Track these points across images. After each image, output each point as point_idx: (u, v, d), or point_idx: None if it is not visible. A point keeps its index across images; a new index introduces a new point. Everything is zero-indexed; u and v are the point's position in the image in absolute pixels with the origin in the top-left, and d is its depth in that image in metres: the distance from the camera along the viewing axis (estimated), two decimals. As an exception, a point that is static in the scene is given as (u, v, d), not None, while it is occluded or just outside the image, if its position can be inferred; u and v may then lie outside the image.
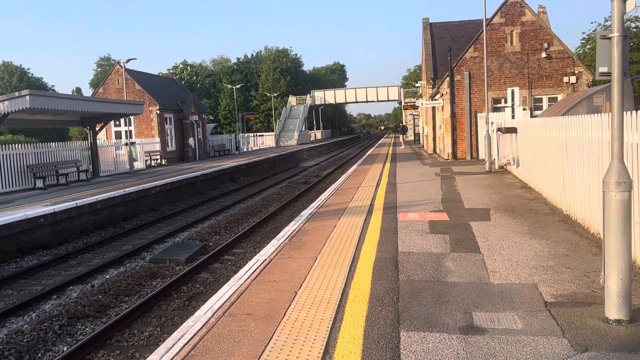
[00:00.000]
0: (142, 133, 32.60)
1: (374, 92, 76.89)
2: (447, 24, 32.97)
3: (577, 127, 8.40)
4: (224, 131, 77.80)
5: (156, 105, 32.35)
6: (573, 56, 22.52)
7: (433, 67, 30.32)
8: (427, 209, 10.70)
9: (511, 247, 7.19)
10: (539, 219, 9.06)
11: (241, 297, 5.71)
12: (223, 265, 10.39)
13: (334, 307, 5.22)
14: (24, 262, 11.45)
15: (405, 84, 78.12)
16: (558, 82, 22.22)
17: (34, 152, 19.99)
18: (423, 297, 5.38)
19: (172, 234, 13.66)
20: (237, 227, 14.36)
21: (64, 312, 7.85)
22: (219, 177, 24.61)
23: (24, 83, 71.03)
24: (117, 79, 33.27)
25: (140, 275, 9.68)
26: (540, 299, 5.16)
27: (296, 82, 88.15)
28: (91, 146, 23.57)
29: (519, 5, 22.41)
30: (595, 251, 6.74)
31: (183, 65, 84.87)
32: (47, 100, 17.69)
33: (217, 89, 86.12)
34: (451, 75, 23.29)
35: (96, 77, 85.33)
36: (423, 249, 7.35)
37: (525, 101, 22.11)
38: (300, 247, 7.89)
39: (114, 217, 15.67)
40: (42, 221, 12.63)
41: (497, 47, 22.56)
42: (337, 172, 29.26)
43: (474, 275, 6.01)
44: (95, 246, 12.70)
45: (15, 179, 18.83)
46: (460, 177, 16.14)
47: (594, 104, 14.96)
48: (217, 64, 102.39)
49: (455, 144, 23.67)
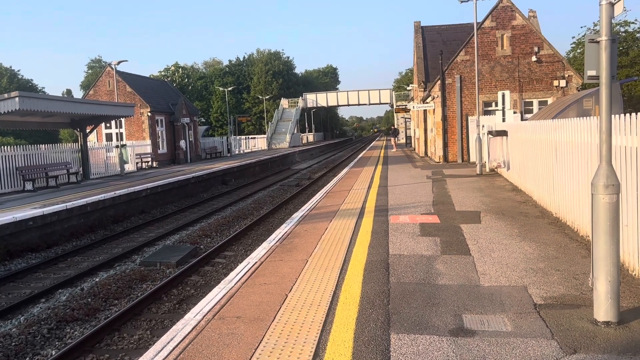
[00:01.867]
0: (133, 135, 32.45)
1: (365, 95, 77.12)
2: (438, 27, 33.11)
3: (567, 130, 8.46)
4: (215, 134, 77.65)
5: (147, 108, 32.23)
6: (563, 60, 22.70)
7: (424, 70, 30.44)
8: (418, 211, 10.73)
9: (501, 250, 7.22)
10: (529, 222, 9.11)
11: (231, 299, 5.69)
12: (214, 268, 10.35)
13: (325, 309, 5.21)
14: (13, 265, 11.34)
15: (397, 87, 78.31)
16: (548, 85, 22.39)
17: (24, 154, 19.83)
18: (413, 299, 5.38)
19: (163, 237, 13.59)
20: (228, 230, 14.31)
21: (53, 315, 7.78)
22: (210, 180, 24.54)
23: (14, 85, 70.44)
24: (108, 81, 33.12)
25: (131, 278, 9.62)
26: (530, 301, 5.18)
27: (288, 84, 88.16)
28: (81, 148, 23.42)
29: (509, 10, 22.57)
30: (585, 253, 6.79)
31: (175, 68, 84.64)
32: (36, 102, 17.57)
33: (209, 92, 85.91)
34: (442, 79, 23.39)
35: (87, 78, 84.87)
36: (414, 252, 7.36)
37: (516, 104, 22.26)
38: (292, 250, 7.88)
39: (104, 219, 15.56)
40: (31, 224, 12.52)
41: (488, 51, 22.70)
42: (329, 174, 29.26)
43: (464, 278, 6.02)
44: (85, 249, 12.61)
45: (4, 181, 18.67)
46: (451, 180, 16.20)
47: (584, 107, 15.09)
48: (209, 66, 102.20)
49: (447, 146, 23.77)
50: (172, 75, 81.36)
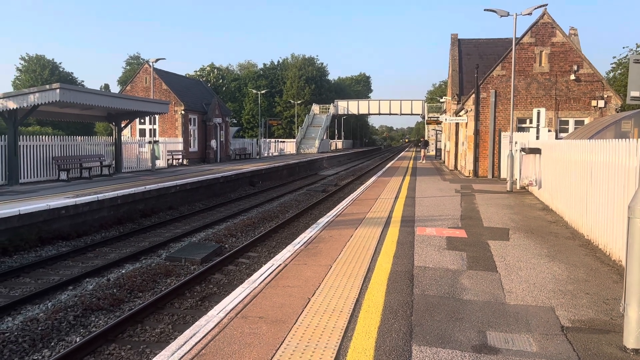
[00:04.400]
0: (166, 132, 33.00)
1: (397, 105, 76.71)
2: (475, 40, 32.81)
3: (604, 152, 8.26)
4: (246, 135, 78.44)
5: (181, 106, 32.75)
6: (602, 80, 22.21)
7: (459, 83, 30.17)
8: (445, 224, 10.62)
9: (529, 269, 7.08)
10: (559, 242, 8.92)
11: (254, 300, 5.72)
12: (237, 268, 10.42)
13: (347, 316, 5.20)
14: (44, 251, 11.64)
15: (430, 99, 77.79)
16: (586, 105, 21.93)
17: (60, 144, 20.37)
18: (437, 312, 5.32)
19: (189, 234, 13.76)
20: (253, 231, 14.41)
21: (79, 303, 7.95)
22: (238, 180, 24.76)
23: (55, 77, 72.47)
24: (145, 78, 33.79)
25: (156, 272, 9.76)
26: (557, 322, 5.07)
27: (320, 90, 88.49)
28: (115, 142, 23.95)
29: (550, 26, 22.22)
30: (616, 278, 6.61)
31: (210, 68, 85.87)
32: (76, 95, 18.04)
33: (242, 93, 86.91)
34: (477, 93, 23.15)
35: (125, 74, 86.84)
36: (439, 265, 7.28)
37: (551, 123, 21.85)
38: (316, 255, 7.89)
39: (133, 213, 15.85)
40: (63, 212, 12.84)
41: (525, 67, 22.37)
42: (356, 182, 29.21)
43: (489, 294, 5.93)
44: (113, 240, 12.86)
45: (40, 170, 19.20)
46: (480, 195, 15.99)
47: (622, 129, 14.72)
48: (243, 68, 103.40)
49: (477, 161, 23.47)
50: (207, 75, 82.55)
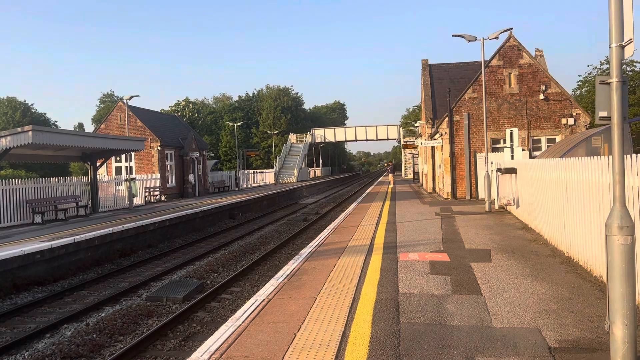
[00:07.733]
0: (143, 169, 32.70)
1: (373, 131, 77.67)
2: (445, 65, 33.53)
3: (578, 169, 8.42)
4: (224, 167, 78.13)
5: (157, 142, 32.57)
6: (570, 98, 22.83)
7: (432, 107, 30.68)
8: (427, 249, 10.63)
9: (513, 290, 7.10)
10: (540, 261, 8.99)
11: (239, 338, 5.60)
12: (220, 304, 10.24)
13: (334, 350, 5.11)
14: (19, 298, 11.29)
15: (405, 123, 78.84)
16: (556, 123, 22.46)
17: (34, 187, 19.99)
18: (424, 340, 5.27)
19: (170, 272, 13.51)
20: (235, 265, 14.22)
21: (58, 351, 7.69)
22: (217, 214, 24.55)
23: (27, 118, 71.48)
24: (120, 116, 33.61)
25: (136, 314, 9.52)
26: (544, 344, 5.06)
27: (296, 120, 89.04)
28: (91, 181, 23.60)
29: (516, 49, 22.86)
30: (598, 295, 6.66)
31: (185, 102, 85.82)
32: (49, 136, 17.81)
33: (218, 126, 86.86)
34: (450, 116, 23.55)
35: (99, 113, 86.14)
36: (424, 291, 7.25)
37: (524, 142, 22.29)
38: (300, 287, 7.79)
39: (111, 253, 15.53)
40: (38, 257, 12.52)
41: (495, 89, 22.89)
42: (337, 209, 29.19)
43: (476, 319, 5.91)
44: (91, 283, 12.55)
45: (14, 214, 18.76)
46: (460, 217, 16.10)
47: (592, 145, 15.07)
48: (218, 101, 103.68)
49: (455, 183, 23.73)
50: (183, 110, 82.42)
